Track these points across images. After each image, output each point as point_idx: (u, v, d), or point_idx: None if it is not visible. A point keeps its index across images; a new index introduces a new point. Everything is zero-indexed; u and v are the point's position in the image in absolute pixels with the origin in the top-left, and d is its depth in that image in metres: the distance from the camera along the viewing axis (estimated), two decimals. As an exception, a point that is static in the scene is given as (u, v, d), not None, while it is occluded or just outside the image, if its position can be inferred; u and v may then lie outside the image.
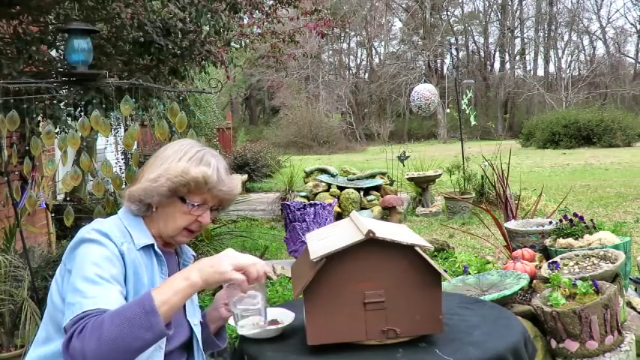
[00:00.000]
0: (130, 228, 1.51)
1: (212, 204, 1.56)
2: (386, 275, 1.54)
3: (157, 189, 1.48)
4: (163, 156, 1.54)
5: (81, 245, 1.42)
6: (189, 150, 1.54)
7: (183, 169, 1.48)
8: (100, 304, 1.29)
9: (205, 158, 1.53)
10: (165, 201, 1.51)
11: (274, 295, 3.52)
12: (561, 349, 2.69)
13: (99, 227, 1.45)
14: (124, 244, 1.45)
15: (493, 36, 41.89)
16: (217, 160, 1.56)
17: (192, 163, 1.50)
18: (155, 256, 1.53)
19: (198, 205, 1.53)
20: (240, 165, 12.24)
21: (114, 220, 1.54)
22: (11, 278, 3.12)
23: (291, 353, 1.59)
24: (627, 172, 13.58)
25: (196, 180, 1.49)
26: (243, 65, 8.92)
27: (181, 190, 1.50)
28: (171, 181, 1.48)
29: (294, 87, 34.78)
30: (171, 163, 1.50)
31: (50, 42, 3.65)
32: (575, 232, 3.51)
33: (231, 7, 4.06)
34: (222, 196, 1.56)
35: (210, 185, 1.51)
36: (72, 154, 4.57)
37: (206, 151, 1.57)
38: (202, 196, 1.53)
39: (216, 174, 1.52)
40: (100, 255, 1.39)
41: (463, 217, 8.07)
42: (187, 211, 1.52)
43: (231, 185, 1.57)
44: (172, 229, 1.54)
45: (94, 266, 1.36)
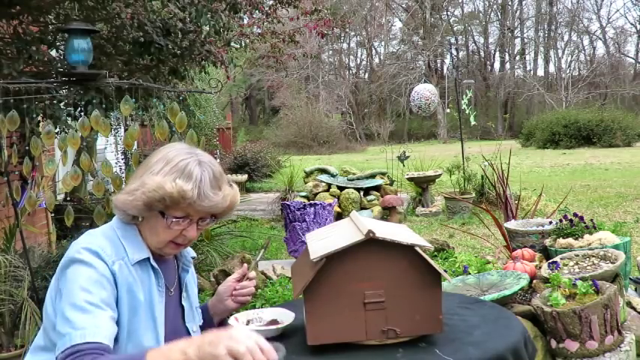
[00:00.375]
0: (125, 240, 1.46)
1: (198, 217, 1.47)
2: (386, 275, 1.54)
3: (132, 203, 1.41)
4: (148, 164, 1.46)
5: (71, 265, 1.38)
6: (172, 159, 1.42)
7: (157, 183, 1.38)
8: (89, 336, 1.27)
9: (188, 169, 1.40)
10: (146, 214, 1.45)
11: (274, 295, 3.52)
12: (561, 349, 2.69)
13: (89, 245, 1.40)
14: (115, 263, 1.40)
15: (493, 36, 41.94)
16: (203, 170, 1.42)
17: (171, 176, 1.39)
18: (152, 270, 1.49)
19: (180, 218, 1.44)
20: (240, 165, 12.24)
21: (107, 231, 1.48)
22: (11, 278, 3.12)
23: (291, 353, 1.58)
24: (627, 172, 13.58)
25: (171, 196, 1.38)
26: (243, 65, 8.92)
27: (158, 205, 1.41)
28: (146, 196, 1.39)
29: (294, 87, 34.78)
30: (150, 175, 1.41)
31: (50, 42, 3.65)
32: (575, 232, 3.51)
33: (231, 7, 4.07)
34: (207, 211, 1.45)
35: (189, 200, 1.40)
36: (72, 154, 4.57)
37: (192, 159, 1.43)
38: (183, 210, 1.43)
39: (198, 189, 1.40)
40: (89, 278, 1.35)
41: (463, 217, 8.07)
42: (167, 226, 1.44)
43: (215, 200, 1.43)
44: (156, 242, 1.48)
45: (83, 292, 1.32)
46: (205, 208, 1.43)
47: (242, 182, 11.37)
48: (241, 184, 11.32)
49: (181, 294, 1.61)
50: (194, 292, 1.70)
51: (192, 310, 1.66)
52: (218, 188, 1.45)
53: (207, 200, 1.42)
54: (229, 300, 1.72)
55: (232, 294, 1.74)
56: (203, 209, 1.44)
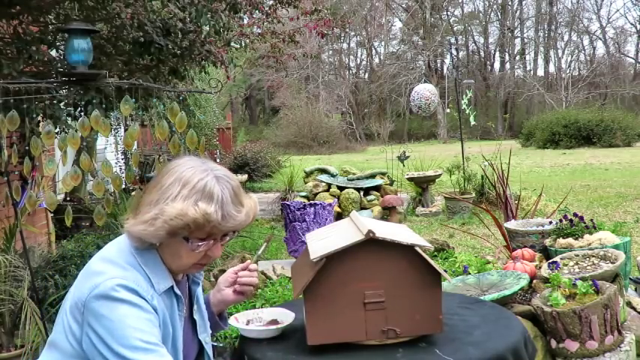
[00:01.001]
0: (147, 268, 1.39)
1: (221, 235, 1.41)
2: (386, 275, 1.54)
3: (154, 233, 1.34)
4: (161, 187, 1.37)
5: (108, 305, 1.28)
6: (189, 180, 1.35)
7: (179, 210, 1.31)
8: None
9: (208, 189, 1.34)
10: (167, 241, 1.38)
11: (274, 295, 3.52)
12: (561, 349, 2.68)
13: (124, 282, 1.31)
14: (154, 299, 1.35)
15: (493, 36, 41.92)
16: (223, 188, 1.36)
17: (191, 199, 1.33)
18: (174, 296, 1.46)
19: (204, 240, 1.38)
20: (240, 165, 12.24)
21: (127, 257, 1.39)
22: (11, 278, 3.12)
23: (291, 353, 1.59)
24: (627, 172, 13.58)
25: (196, 222, 1.32)
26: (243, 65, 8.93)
27: (182, 232, 1.35)
28: (169, 224, 1.32)
29: (294, 87, 34.78)
30: (168, 202, 1.33)
31: (50, 42, 3.65)
32: (575, 232, 3.51)
33: (231, 7, 4.07)
34: (231, 229, 1.40)
35: (213, 223, 1.34)
36: (72, 154, 4.57)
37: (209, 177, 1.36)
38: (207, 232, 1.37)
39: (221, 209, 1.34)
40: (138, 318, 1.29)
41: (463, 217, 8.07)
42: (192, 250, 1.39)
43: (239, 219, 1.38)
44: (179, 265, 1.43)
45: (137, 331, 1.27)
46: (230, 228, 1.39)
47: (242, 182, 11.37)
48: (241, 184, 11.31)
49: (192, 307, 1.59)
50: (202, 300, 1.68)
51: (204, 321, 1.63)
52: (240, 204, 1.40)
53: (231, 220, 1.37)
54: (227, 290, 1.70)
55: (231, 284, 1.72)
56: (227, 229, 1.39)
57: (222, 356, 3.07)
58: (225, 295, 1.72)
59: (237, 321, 1.77)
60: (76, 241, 4.21)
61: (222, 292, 1.73)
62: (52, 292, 3.44)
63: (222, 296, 1.72)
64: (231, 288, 1.72)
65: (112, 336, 1.26)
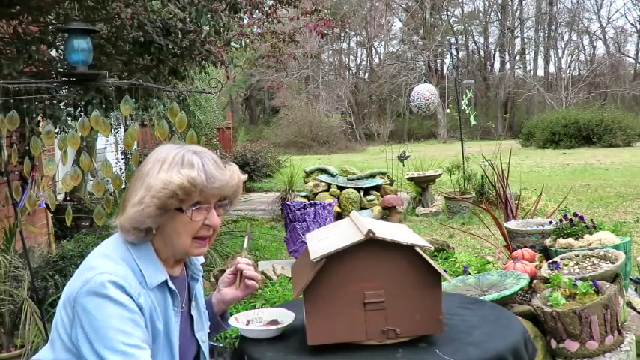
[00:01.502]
0: (140, 263, 1.40)
1: (214, 201, 1.44)
2: (386, 275, 1.54)
3: (144, 212, 1.35)
4: (142, 174, 1.40)
5: (95, 300, 1.30)
6: (166, 157, 1.39)
7: (164, 180, 1.34)
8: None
9: (186, 159, 1.38)
10: (162, 220, 1.39)
11: (274, 295, 3.52)
12: (561, 349, 2.69)
13: (113, 278, 1.32)
14: (140, 296, 1.35)
15: (493, 36, 41.93)
16: (201, 157, 1.41)
17: (173, 170, 1.36)
18: (169, 291, 1.45)
19: (198, 207, 1.40)
20: (240, 165, 12.15)
21: (122, 252, 1.40)
22: (11, 278, 3.12)
23: (291, 353, 1.59)
24: (627, 172, 13.58)
25: (182, 187, 1.35)
26: (243, 65, 8.93)
27: (172, 203, 1.36)
28: (157, 198, 1.34)
29: (294, 87, 34.79)
30: (151, 179, 1.36)
31: (50, 42, 3.65)
32: (575, 232, 3.51)
33: (231, 7, 4.07)
34: (220, 192, 1.43)
35: (200, 187, 1.37)
36: (72, 154, 4.57)
37: (185, 150, 1.41)
38: (197, 199, 1.40)
39: (203, 172, 1.38)
40: (121, 318, 1.30)
41: (463, 217, 8.07)
42: (189, 219, 1.40)
43: (224, 178, 1.42)
44: (181, 244, 1.43)
45: (120, 334, 1.28)
46: (217, 190, 1.41)
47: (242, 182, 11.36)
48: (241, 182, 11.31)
49: (190, 303, 1.59)
50: (202, 298, 1.68)
51: (202, 318, 1.63)
52: (221, 168, 1.43)
53: (216, 181, 1.40)
54: (225, 289, 1.71)
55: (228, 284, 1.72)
56: (216, 192, 1.41)
57: (222, 356, 3.07)
58: (224, 295, 1.72)
59: (237, 321, 1.77)
60: (76, 241, 4.21)
61: (220, 292, 1.73)
62: (52, 292, 3.44)
63: (221, 296, 1.73)
64: (228, 288, 1.72)
65: (96, 334, 1.28)
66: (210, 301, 1.75)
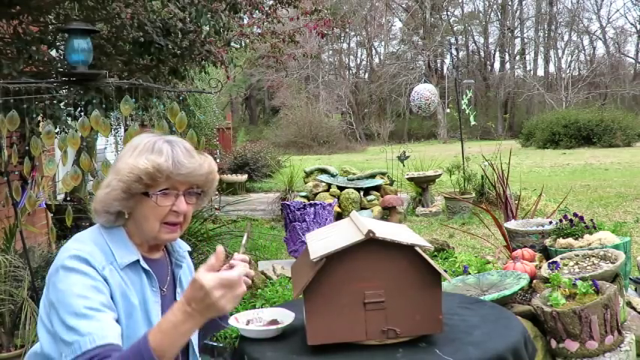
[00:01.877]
0: (112, 244, 1.44)
1: (183, 189, 1.46)
2: (386, 275, 1.54)
3: (111, 194, 1.40)
4: (117, 160, 1.46)
5: (60, 274, 1.35)
6: (138, 144, 1.44)
7: (130, 165, 1.39)
8: (98, 340, 1.27)
9: (157, 146, 1.42)
10: (130, 204, 1.43)
11: (274, 295, 3.52)
12: (561, 349, 2.69)
13: (78, 252, 1.37)
14: (105, 269, 1.38)
15: (493, 36, 41.93)
16: (173, 146, 1.44)
17: (142, 155, 1.40)
18: (143, 272, 1.47)
19: (164, 193, 1.42)
20: (240, 165, 12.24)
21: (94, 235, 1.46)
22: (11, 278, 3.12)
23: (291, 353, 1.59)
24: (627, 172, 13.58)
25: (147, 172, 1.38)
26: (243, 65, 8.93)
27: (137, 187, 1.40)
28: (123, 182, 1.38)
29: (294, 87, 34.79)
30: (120, 164, 1.42)
31: (50, 42, 3.65)
32: (575, 232, 3.51)
33: (231, 7, 4.07)
34: (187, 179, 1.45)
35: (166, 172, 1.40)
36: (72, 154, 4.57)
37: (158, 138, 1.45)
38: (164, 185, 1.42)
39: (171, 159, 1.40)
40: (83, 285, 1.33)
41: (463, 217, 8.07)
42: (155, 204, 1.42)
43: (192, 166, 1.43)
44: (149, 229, 1.45)
45: (81, 299, 1.31)
46: (184, 177, 1.43)
47: (242, 182, 11.37)
48: (241, 184, 11.32)
49: (175, 289, 1.60)
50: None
51: None
52: (192, 157, 1.45)
53: (183, 168, 1.42)
54: None
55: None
56: (182, 178, 1.43)
57: (223, 356, 3.07)
58: None
59: (237, 321, 1.77)
60: (76, 241, 4.20)
61: None
62: (52, 292, 3.44)
63: None
64: None
65: (61, 303, 1.32)
66: None
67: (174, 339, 1.23)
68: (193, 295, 1.21)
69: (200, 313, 1.22)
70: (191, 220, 1.59)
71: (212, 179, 1.52)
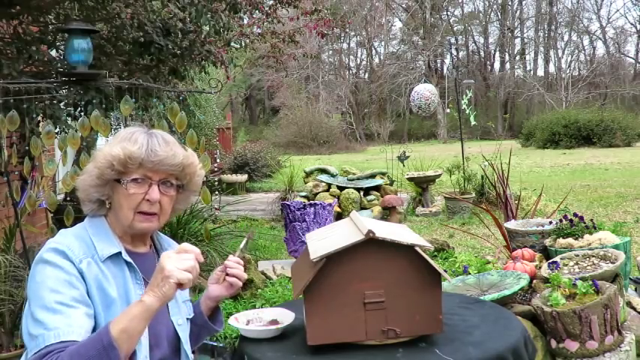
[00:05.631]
0: (95, 237, 1.46)
1: (157, 178, 1.48)
2: (386, 275, 1.54)
3: (87, 181, 1.46)
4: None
5: (37, 267, 1.37)
6: (120, 134, 1.49)
7: (105, 152, 1.44)
8: (63, 335, 1.27)
9: (134, 136, 1.45)
10: (106, 191, 1.47)
11: (274, 295, 3.52)
12: (561, 349, 2.68)
13: (56, 245, 1.39)
14: (82, 262, 1.39)
15: (493, 36, 41.95)
16: (150, 136, 1.46)
17: (118, 144, 1.44)
18: (125, 264, 1.48)
19: (136, 181, 1.45)
20: (240, 165, 12.25)
21: (79, 230, 1.48)
22: (11, 278, 3.12)
23: (291, 353, 1.59)
24: (627, 172, 13.58)
25: (117, 158, 1.42)
26: (243, 65, 8.92)
27: (109, 173, 1.44)
28: (97, 168, 1.44)
29: (294, 87, 34.80)
30: (98, 152, 1.47)
31: (50, 42, 3.65)
32: (575, 232, 3.50)
33: (231, 7, 4.06)
34: (159, 168, 1.46)
35: (137, 160, 1.43)
36: (72, 154, 4.57)
37: (140, 130, 1.48)
38: (138, 174, 1.45)
39: (145, 147, 1.43)
40: (57, 279, 1.34)
41: (463, 217, 8.07)
42: (126, 191, 1.45)
43: (164, 154, 1.45)
44: (124, 217, 1.47)
45: (52, 293, 1.32)
46: (156, 165, 1.45)
47: (242, 182, 11.38)
48: (241, 184, 11.33)
49: None
50: None
51: (178, 302, 1.62)
52: (167, 145, 1.47)
53: (154, 155, 1.44)
54: (212, 286, 1.69)
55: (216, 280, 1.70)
56: (155, 167, 1.45)
57: (222, 356, 3.07)
58: (210, 291, 1.70)
59: (237, 321, 1.77)
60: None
61: (208, 289, 1.71)
62: (52, 292, 3.44)
63: (208, 292, 1.70)
64: (216, 285, 1.70)
65: (33, 295, 1.34)
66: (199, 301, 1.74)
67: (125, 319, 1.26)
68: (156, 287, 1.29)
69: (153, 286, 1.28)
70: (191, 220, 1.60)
71: (190, 172, 1.54)
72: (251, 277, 3.72)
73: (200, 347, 3.12)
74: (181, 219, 4.72)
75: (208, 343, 3.07)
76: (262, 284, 3.81)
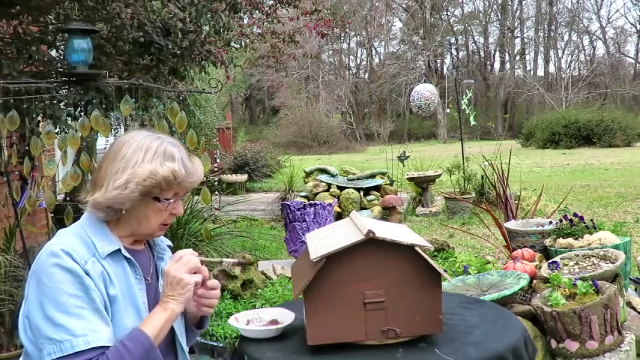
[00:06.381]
0: (93, 236, 1.47)
1: (182, 194, 1.56)
2: (386, 275, 1.54)
3: (128, 196, 1.45)
4: (123, 157, 1.47)
5: (46, 271, 1.37)
6: (149, 146, 1.48)
7: (151, 170, 1.45)
8: (93, 342, 1.32)
9: (168, 151, 1.49)
10: (138, 203, 1.48)
11: (274, 295, 3.52)
12: (561, 349, 2.68)
13: (59, 249, 1.39)
14: (87, 262, 1.41)
15: (493, 36, 41.94)
16: (179, 150, 1.52)
17: (157, 161, 1.46)
18: (125, 260, 1.50)
19: (170, 199, 1.51)
20: (240, 165, 12.24)
21: (76, 230, 1.49)
22: (11, 278, 3.13)
23: (291, 353, 1.59)
24: (627, 172, 13.58)
25: (167, 179, 1.46)
26: (243, 65, 8.92)
27: (154, 191, 1.47)
28: (142, 185, 1.44)
29: (294, 87, 34.80)
30: (136, 166, 1.45)
31: (50, 42, 3.65)
32: (575, 232, 3.50)
33: (231, 7, 4.06)
34: (192, 186, 1.56)
35: (179, 179, 1.49)
36: (72, 154, 4.57)
37: (165, 142, 1.51)
38: (174, 191, 1.51)
39: (183, 166, 1.49)
40: (71, 282, 1.36)
41: (463, 217, 8.06)
42: (162, 209, 1.51)
43: (198, 174, 1.55)
44: (148, 227, 1.52)
45: (71, 297, 1.34)
46: (190, 184, 1.53)
47: (242, 182, 11.37)
48: (241, 184, 11.32)
49: (158, 281, 1.62)
50: None
51: None
52: (191, 162, 1.54)
53: (193, 176, 1.52)
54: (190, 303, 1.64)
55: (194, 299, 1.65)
56: (189, 185, 1.53)
57: (222, 356, 3.07)
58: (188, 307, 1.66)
59: (237, 321, 1.77)
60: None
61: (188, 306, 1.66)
62: (52, 292, 3.43)
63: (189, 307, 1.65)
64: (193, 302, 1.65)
65: (49, 300, 1.34)
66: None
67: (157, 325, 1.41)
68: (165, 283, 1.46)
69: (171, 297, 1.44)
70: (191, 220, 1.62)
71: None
72: (251, 277, 3.72)
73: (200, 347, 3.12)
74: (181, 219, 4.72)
75: (208, 343, 3.07)
76: (262, 284, 3.80)
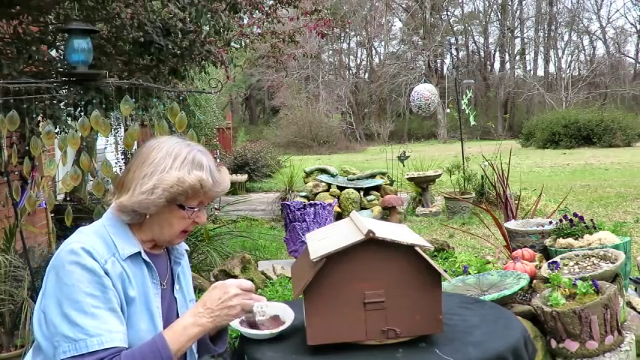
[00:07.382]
0: (115, 237, 1.48)
1: (207, 203, 1.58)
2: (386, 275, 1.54)
3: (154, 201, 1.45)
4: (152, 162, 1.48)
5: (66, 268, 1.37)
6: (178, 153, 1.49)
7: (178, 178, 1.45)
8: (106, 343, 1.33)
9: (197, 160, 1.49)
10: (163, 209, 1.49)
11: (274, 295, 3.52)
12: (561, 349, 2.69)
13: (80, 247, 1.40)
14: (107, 262, 1.41)
15: (493, 36, 41.93)
16: (207, 158, 1.52)
17: (185, 168, 1.47)
18: (144, 264, 1.51)
19: (195, 207, 1.52)
20: (240, 165, 12.25)
21: (98, 229, 1.49)
22: (11, 278, 3.13)
23: (291, 353, 1.58)
24: (627, 172, 13.58)
25: (194, 187, 1.47)
26: (243, 65, 8.92)
27: (179, 199, 1.48)
28: (169, 192, 1.45)
29: (294, 87, 34.79)
30: (164, 172, 1.46)
31: (50, 42, 3.65)
32: (575, 232, 3.50)
33: (231, 7, 4.06)
34: (218, 195, 1.56)
35: (206, 188, 1.49)
36: (72, 154, 4.57)
37: (195, 150, 1.51)
38: (199, 199, 1.52)
39: (211, 176, 1.50)
40: (90, 281, 1.36)
41: (463, 217, 8.06)
42: (186, 216, 1.51)
43: (224, 184, 1.56)
44: (169, 234, 1.53)
45: (88, 297, 1.35)
46: (216, 193, 1.54)
47: (242, 182, 11.37)
48: (241, 184, 11.32)
49: (174, 286, 1.64)
50: (188, 284, 1.71)
51: (186, 302, 1.67)
52: (219, 171, 1.55)
53: (220, 185, 1.53)
54: None
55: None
56: (215, 194, 1.54)
57: (223, 356, 3.07)
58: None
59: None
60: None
61: None
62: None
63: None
64: None
65: (66, 298, 1.34)
66: None
67: (183, 340, 1.40)
68: (210, 295, 1.45)
69: (211, 312, 1.44)
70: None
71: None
72: (251, 277, 3.72)
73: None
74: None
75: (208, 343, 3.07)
76: (262, 284, 3.81)
